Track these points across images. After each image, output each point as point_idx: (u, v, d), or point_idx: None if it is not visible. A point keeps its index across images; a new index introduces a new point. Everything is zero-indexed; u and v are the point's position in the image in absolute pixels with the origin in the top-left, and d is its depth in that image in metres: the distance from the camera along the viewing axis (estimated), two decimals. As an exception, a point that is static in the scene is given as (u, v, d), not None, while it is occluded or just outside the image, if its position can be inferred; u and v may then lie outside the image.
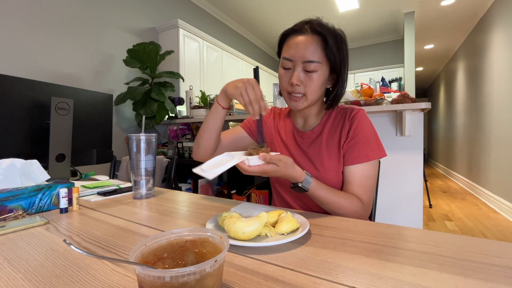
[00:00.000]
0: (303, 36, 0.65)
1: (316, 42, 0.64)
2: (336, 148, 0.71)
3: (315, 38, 0.64)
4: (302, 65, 0.65)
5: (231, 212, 0.51)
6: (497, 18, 3.22)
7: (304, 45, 0.64)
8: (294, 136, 0.79)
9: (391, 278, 0.33)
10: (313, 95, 0.68)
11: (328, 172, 0.70)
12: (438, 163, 6.87)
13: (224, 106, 0.69)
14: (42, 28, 1.99)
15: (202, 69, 3.21)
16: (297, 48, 0.65)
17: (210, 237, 0.31)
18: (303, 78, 0.66)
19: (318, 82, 0.66)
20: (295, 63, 0.66)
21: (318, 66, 0.65)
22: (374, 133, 0.70)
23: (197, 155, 0.77)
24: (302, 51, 0.64)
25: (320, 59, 0.64)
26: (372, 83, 3.63)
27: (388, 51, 5.21)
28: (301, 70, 0.66)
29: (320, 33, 0.64)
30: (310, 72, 0.65)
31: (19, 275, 0.35)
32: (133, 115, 2.53)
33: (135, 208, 0.68)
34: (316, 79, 0.66)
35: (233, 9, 4.03)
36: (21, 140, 0.92)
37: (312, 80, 0.66)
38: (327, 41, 0.63)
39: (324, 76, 0.67)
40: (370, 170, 0.68)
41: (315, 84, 0.66)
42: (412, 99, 1.51)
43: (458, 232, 2.36)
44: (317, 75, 0.65)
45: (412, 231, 0.48)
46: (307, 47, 0.64)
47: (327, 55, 0.65)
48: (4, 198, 0.58)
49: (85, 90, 1.10)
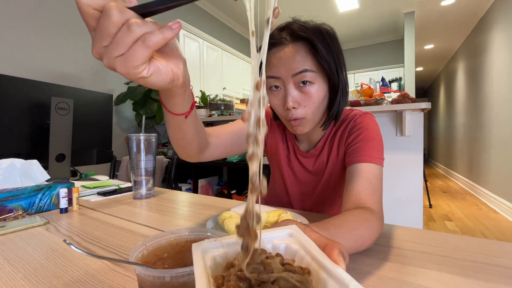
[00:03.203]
0: (285, 48, 0.52)
1: (302, 49, 0.52)
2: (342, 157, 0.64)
3: (300, 45, 0.52)
4: (292, 80, 0.52)
5: (231, 212, 0.51)
6: (497, 18, 3.22)
7: (290, 58, 0.52)
8: (298, 158, 0.71)
9: (391, 278, 0.33)
10: (315, 115, 0.56)
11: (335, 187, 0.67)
12: (438, 163, 6.88)
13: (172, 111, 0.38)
14: (42, 28, 1.99)
15: (202, 69, 3.21)
16: (282, 62, 0.52)
17: (210, 237, 0.31)
18: (299, 98, 0.53)
19: (318, 97, 0.53)
20: (284, 81, 0.53)
21: (313, 76, 0.52)
22: (380, 137, 0.60)
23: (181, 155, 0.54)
24: (289, 64, 0.52)
25: (313, 67, 0.52)
26: (372, 83, 3.63)
27: (388, 51, 5.20)
28: (293, 87, 0.53)
29: (304, 38, 0.52)
30: (305, 87, 0.52)
31: (19, 275, 0.35)
32: (133, 115, 2.54)
33: (135, 208, 0.68)
34: (314, 94, 0.53)
35: (233, 9, 4.03)
36: (21, 140, 0.92)
37: (311, 97, 0.53)
38: (315, 46, 0.51)
39: (323, 88, 0.54)
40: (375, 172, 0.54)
41: (314, 101, 0.53)
42: (412, 99, 1.51)
43: (458, 232, 2.36)
44: (315, 89, 0.53)
45: (412, 231, 0.48)
46: (294, 57, 0.51)
47: (321, 60, 0.52)
48: (4, 198, 0.58)
49: (85, 90, 1.10)
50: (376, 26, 4.64)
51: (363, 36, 5.08)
